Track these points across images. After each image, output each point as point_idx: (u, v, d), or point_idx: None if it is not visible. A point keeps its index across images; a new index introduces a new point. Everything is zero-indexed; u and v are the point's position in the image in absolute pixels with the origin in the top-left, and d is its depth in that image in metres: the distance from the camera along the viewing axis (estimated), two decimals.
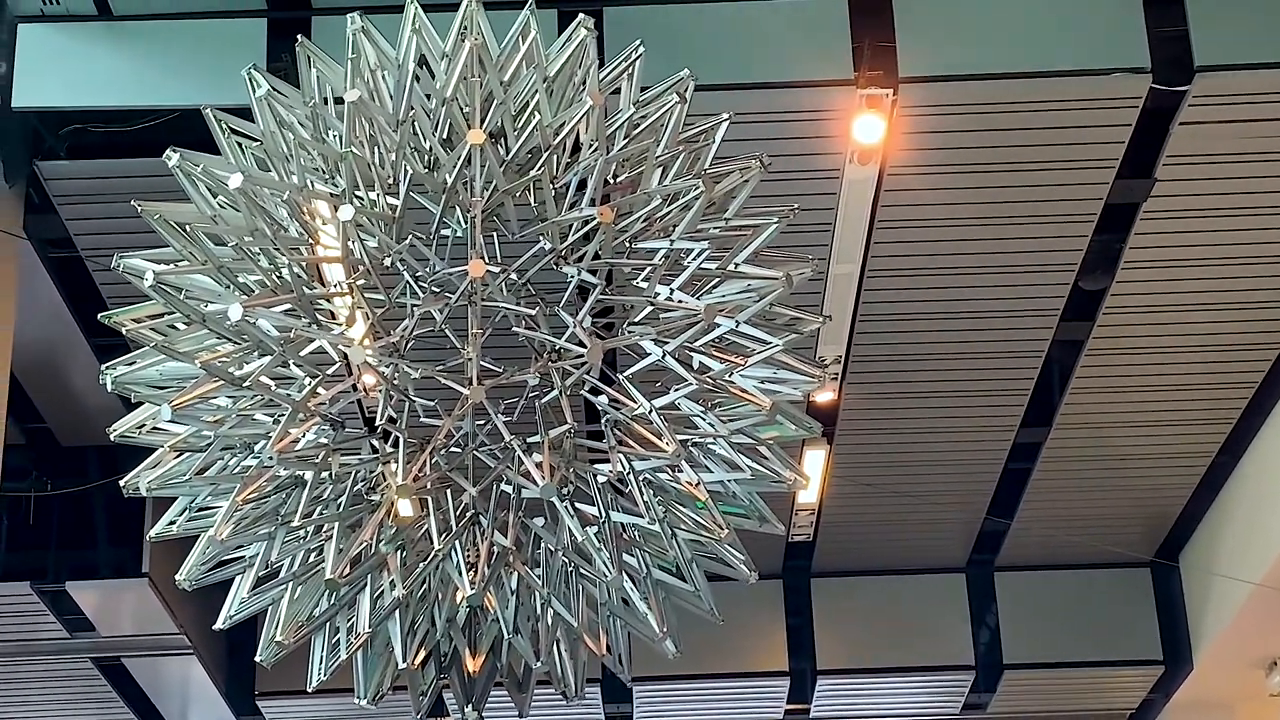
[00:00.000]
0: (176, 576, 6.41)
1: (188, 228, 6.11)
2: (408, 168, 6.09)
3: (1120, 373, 12.03)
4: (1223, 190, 10.31)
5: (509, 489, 6.16)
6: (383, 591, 6.29)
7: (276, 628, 6.28)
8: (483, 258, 6.00)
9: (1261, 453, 12.55)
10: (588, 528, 6.18)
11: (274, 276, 6.07)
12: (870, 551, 14.63)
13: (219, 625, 6.53)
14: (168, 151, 6.26)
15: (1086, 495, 13.63)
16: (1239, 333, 11.58)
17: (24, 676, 14.68)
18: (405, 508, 6.31)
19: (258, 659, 6.48)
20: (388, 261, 6.14)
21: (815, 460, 12.12)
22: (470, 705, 6.56)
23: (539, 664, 6.52)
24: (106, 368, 6.34)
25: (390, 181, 6.14)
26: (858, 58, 9.39)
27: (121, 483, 6.38)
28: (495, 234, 6.38)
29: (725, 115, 6.45)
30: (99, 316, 6.52)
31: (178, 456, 6.23)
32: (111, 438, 6.39)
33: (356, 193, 6.07)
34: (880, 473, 12.94)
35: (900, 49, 9.41)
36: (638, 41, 6.44)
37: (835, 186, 9.84)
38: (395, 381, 6.13)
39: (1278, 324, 11.46)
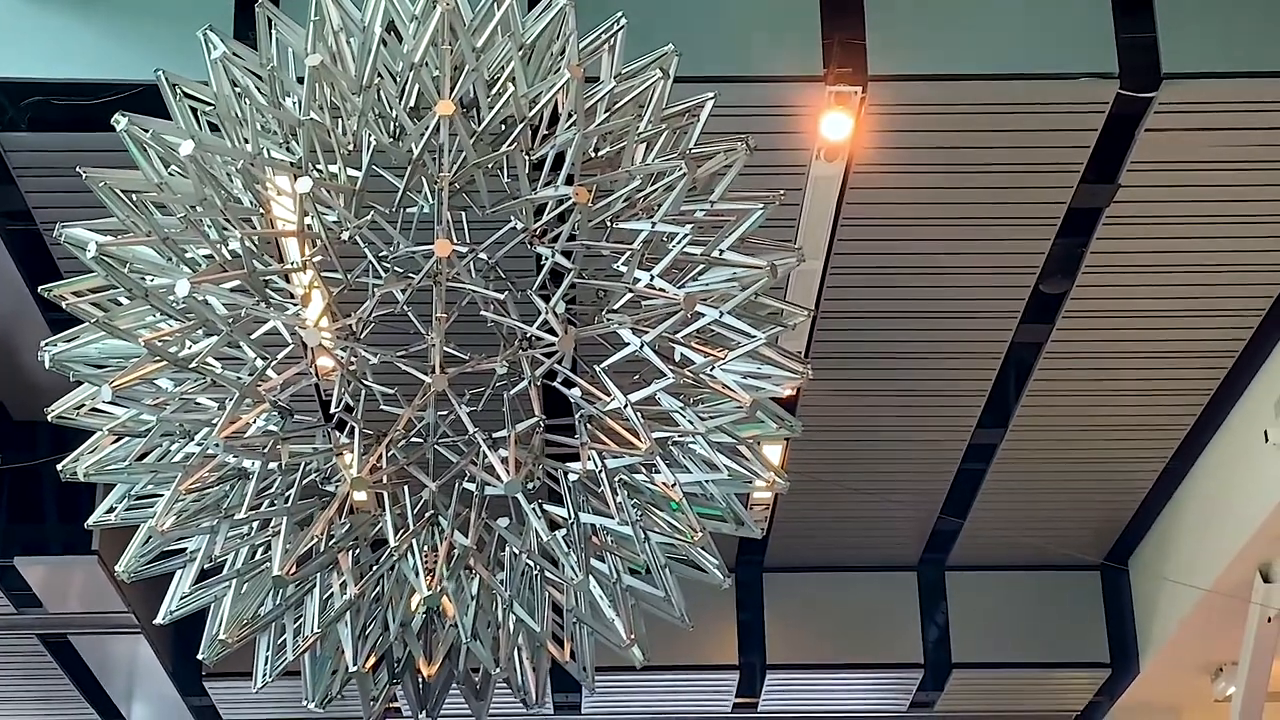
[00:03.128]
0: (116, 568, 5.96)
1: (134, 197, 5.64)
2: (371, 137, 5.65)
3: (1077, 377, 11.83)
4: (1186, 198, 10.08)
5: (472, 486, 5.71)
6: (332, 593, 5.85)
7: (219, 626, 5.85)
8: (450, 236, 5.56)
9: (1214, 460, 12.34)
10: (555, 530, 5.76)
11: (223, 250, 5.62)
12: (822, 548, 14.35)
13: (159, 620, 6.10)
14: (116, 115, 5.80)
15: (1039, 497, 13.38)
16: (1196, 340, 11.34)
17: None
18: (361, 499, 6.03)
19: (200, 657, 6.02)
20: (346, 237, 5.68)
21: (771, 456, 11.96)
22: (424, 712, 6.14)
23: (498, 670, 6.09)
24: (46, 343, 5.92)
25: (351, 150, 5.67)
26: (827, 54, 9.13)
27: (59, 467, 5.94)
28: (464, 212, 5.93)
29: (710, 95, 6.22)
30: (40, 289, 6.11)
31: (116, 441, 5.79)
32: (49, 418, 5.98)
33: (315, 163, 5.60)
34: (835, 469, 12.79)
35: (870, 47, 9.16)
36: (619, 14, 6.05)
37: (801, 183, 9.63)
38: (352, 367, 5.67)
39: (1234, 332, 11.25)
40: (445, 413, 5.70)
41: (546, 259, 5.71)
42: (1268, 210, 10.19)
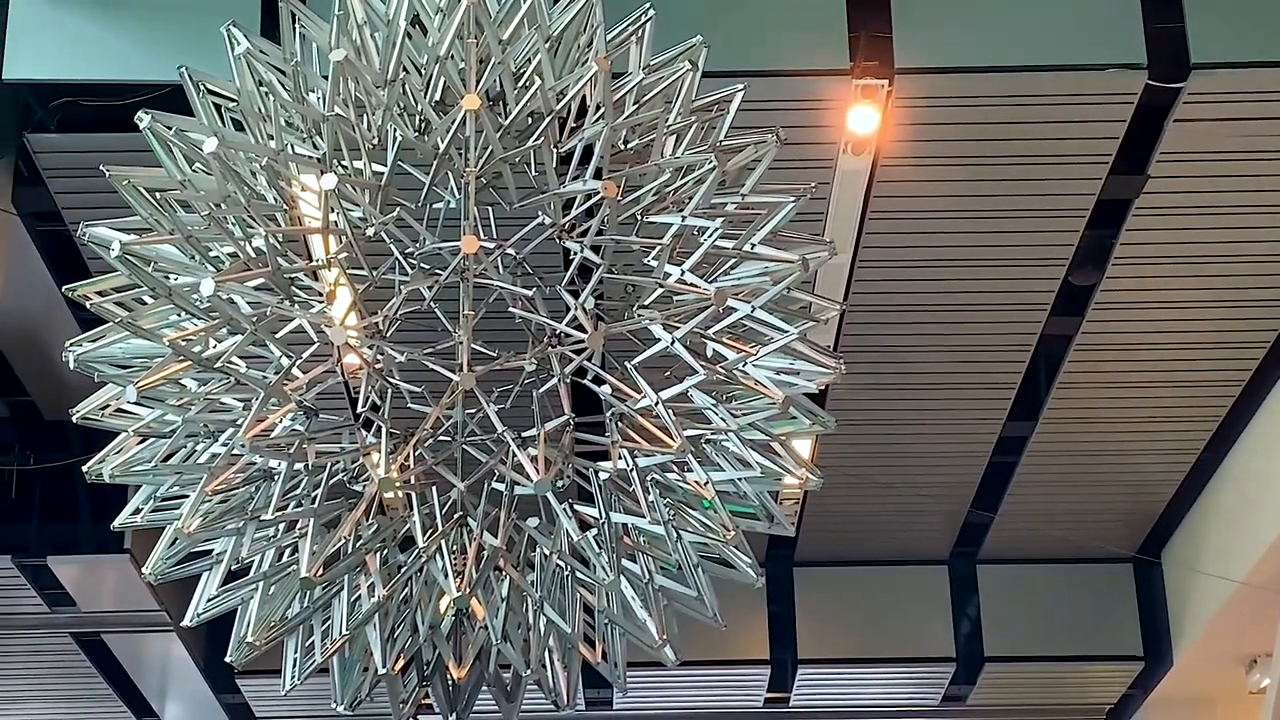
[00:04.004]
0: (144, 570, 5.85)
1: (157, 195, 5.53)
2: (396, 131, 5.51)
3: (1108, 368, 11.72)
4: (1215, 188, 9.99)
5: (501, 486, 5.58)
6: (360, 595, 5.74)
7: (247, 628, 5.71)
8: (476, 232, 5.44)
9: (1246, 451, 12.19)
10: (586, 530, 5.61)
11: (247, 248, 5.49)
12: (853, 542, 14.27)
13: (186, 622, 5.99)
14: (139, 113, 5.67)
15: (1071, 490, 13.27)
16: (1227, 331, 11.23)
17: (2, 650, 14.23)
18: (391, 497, 5.95)
19: (228, 659, 5.93)
20: (371, 233, 5.54)
21: (801, 451, 11.90)
22: (454, 714, 6.04)
23: (529, 672, 5.97)
24: (70, 344, 5.81)
25: (375, 144, 5.54)
26: (854, 48, 9.07)
27: (85, 469, 5.86)
28: (491, 207, 5.79)
29: (740, 86, 6.16)
30: (64, 289, 6.01)
31: (141, 442, 5.66)
32: (74, 419, 5.89)
33: (340, 159, 5.48)
34: (865, 464, 12.71)
35: (897, 40, 9.10)
36: (647, 4, 5.93)
37: (828, 176, 9.56)
38: (378, 365, 5.55)
39: (1266, 323, 11.15)
40: (473, 411, 5.61)
41: (575, 254, 5.58)
42: None
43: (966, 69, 9.22)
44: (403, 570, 5.72)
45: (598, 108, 5.59)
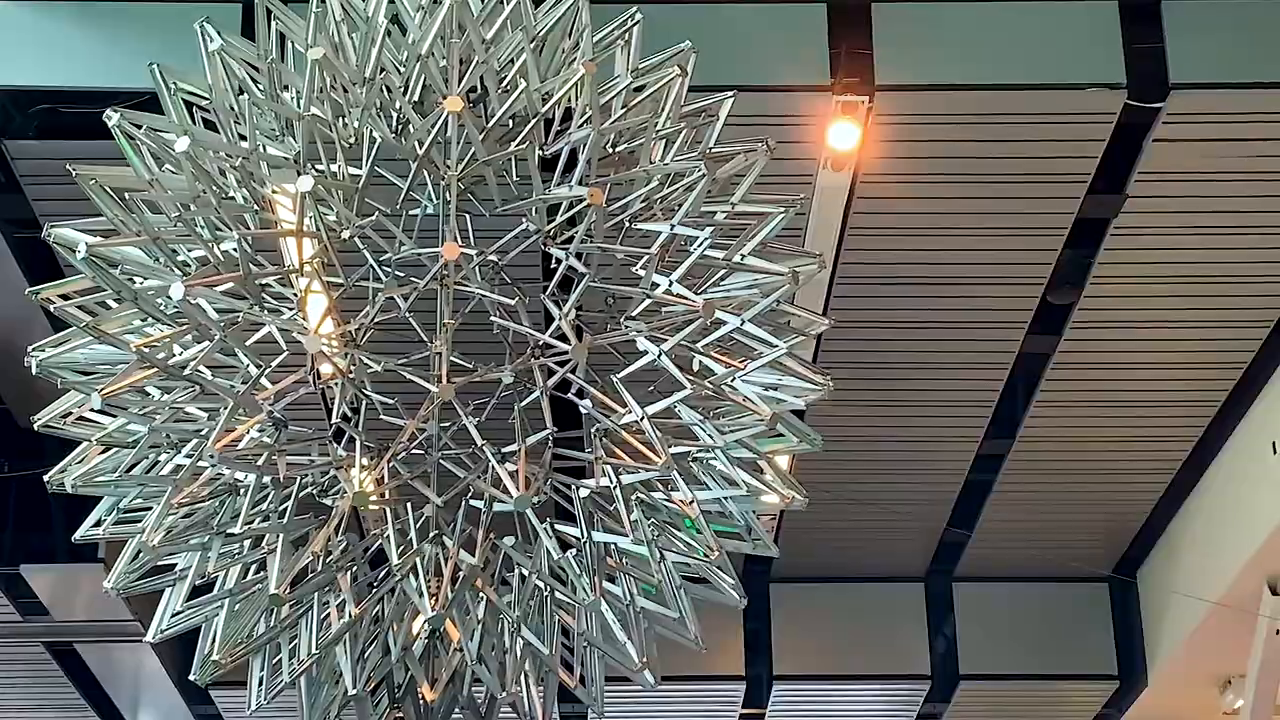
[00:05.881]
0: (105, 583, 5.65)
1: (125, 195, 5.30)
2: (374, 133, 5.29)
3: (1085, 387, 11.62)
4: (1193, 208, 9.87)
5: (478, 503, 5.37)
6: (329, 613, 5.51)
7: (212, 646, 5.51)
8: (456, 238, 5.22)
9: (1222, 472, 12.08)
10: (566, 550, 5.39)
11: (217, 251, 5.26)
12: (830, 559, 14.13)
13: (149, 639, 5.79)
14: (108, 111, 5.48)
15: (1047, 509, 13.14)
16: (1204, 351, 11.12)
17: None
18: (372, 506, 5.79)
19: (192, 677, 5.71)
20: (346, 236, 5.33)
21: (779, 466, 11.86)
22: None
23: (504, 695, 5.71)
24: (33, 349, 5.54)
25: (352, 142, 5.31)
26: (835, 64, 8.98)
27: (45, 478, 5.61)
28: (470, 213, 5.58)
29: (730, 94, 6.05)
30: (26, 291, 5.80)
31: (104, 451, 5.43)
32: (35, 426, 5.64)
33: (315, 160, 5.25)
34: (842, 480, 12.68)
35: (877, 57, 9.00)
36: (634, 9, 5.75)
37: (808, 192, 9.54)
38: (351, 375, 5.31)
39: (1242, 343, 11.02)
40: (447, 424, 5.40)
41: (558, 263, 5.36)
42: (1276, 221, 10.06)
43: (947, 86, 9.15)
44: (375, 589, 5.57)
45: (583, 111, 5.41)
